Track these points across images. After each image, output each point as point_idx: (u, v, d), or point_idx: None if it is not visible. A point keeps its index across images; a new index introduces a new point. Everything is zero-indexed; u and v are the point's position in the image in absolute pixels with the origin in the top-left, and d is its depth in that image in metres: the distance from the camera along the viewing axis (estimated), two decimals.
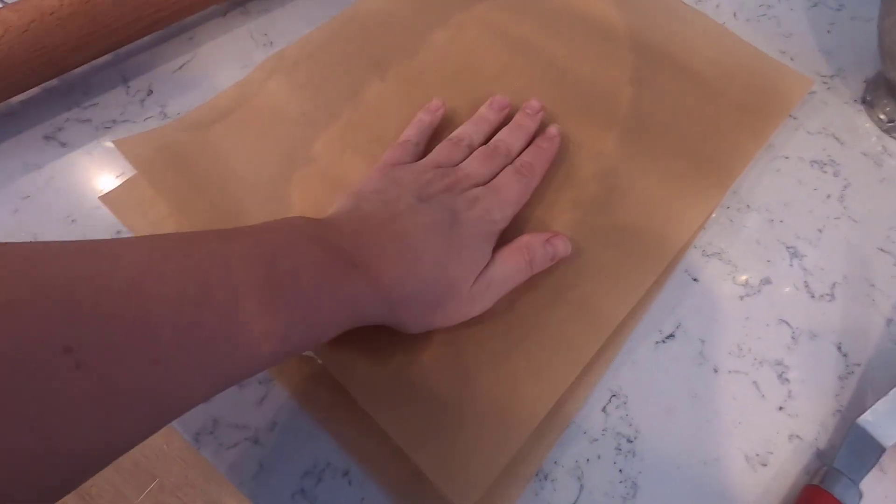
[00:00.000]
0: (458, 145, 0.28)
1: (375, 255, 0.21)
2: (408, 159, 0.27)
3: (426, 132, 0.29)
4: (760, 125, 0.32)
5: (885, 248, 0.30)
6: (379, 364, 0.23)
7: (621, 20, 0.37)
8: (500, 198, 0.25)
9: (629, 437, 0.24)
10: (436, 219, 0.23)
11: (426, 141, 0.29)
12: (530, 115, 0.30)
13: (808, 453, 0.24)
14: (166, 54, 0.34)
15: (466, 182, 0.26)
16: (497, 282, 0.24)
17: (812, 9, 0.40)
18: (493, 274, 0.24)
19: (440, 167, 0.26)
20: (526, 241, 0.25)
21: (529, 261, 0.24)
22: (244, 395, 0.24)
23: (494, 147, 0.28)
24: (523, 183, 0.27)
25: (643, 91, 0.33)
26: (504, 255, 0.24)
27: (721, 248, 0.29)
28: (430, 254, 0.22)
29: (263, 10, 0.37)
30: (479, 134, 0.29)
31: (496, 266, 0.24)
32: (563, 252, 0.26)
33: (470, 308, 0.23)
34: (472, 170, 0.26)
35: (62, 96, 0.32)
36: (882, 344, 0.27)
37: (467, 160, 0.27)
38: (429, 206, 0.24)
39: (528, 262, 0.24)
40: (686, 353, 0.26)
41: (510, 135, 0.29)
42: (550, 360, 0.24)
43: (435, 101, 0.30)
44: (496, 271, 0.24)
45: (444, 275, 0.22)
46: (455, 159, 0.27)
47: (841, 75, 0.37)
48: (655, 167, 0.30)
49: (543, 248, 0.25)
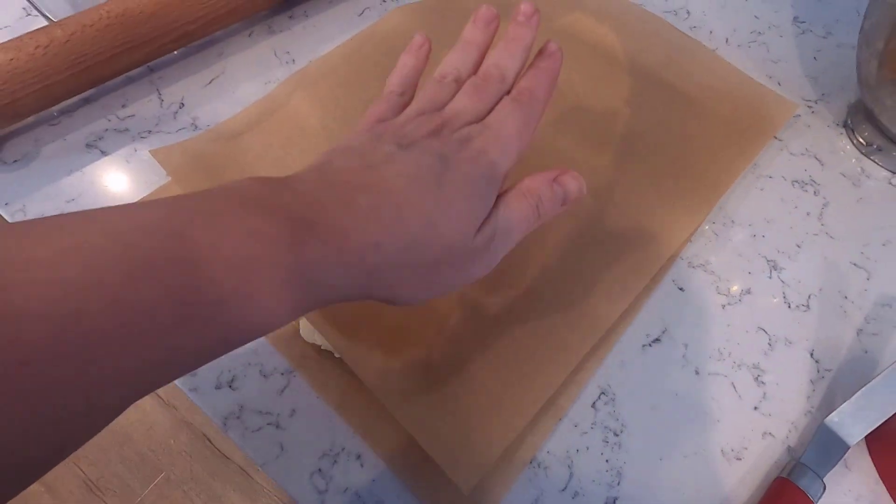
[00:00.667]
0: (443, 83, 0.23)
1: (341, 214, 0.17)
2: (393, 114, 0.23)
3: (412, 78, 0.25)
4: (746, 146, 0.35)
5: (859, 264, 0.32)
6: (392, 359, 0.26)
7: (620, 45, 0.39)
8: (497, 134, 0.21)
9: (616, 431, 0.27)
10: (420, 166, 0.19)
11: (413, 89, 0.25)
12: (524, 24, 0.23)
13: (780, 449, 0.27)
14: (197, 70, 0.37)
15: (456, 122, 0.21)
16: (501, 234, 0.20)
17: (800, 36, 0.43)
18: (496, 225, 0.20)
19: (424, 114, 0.22)
20: (528, 183, 0.21)
21: (535, 206, 0.21)
22: (268, 384, 0.27)
23: (485, 75, 0.23)
24: (524, 112, 0.22)
25: (638, 112, 0.36)
26: (506, 201, 0.21)
27: (706, 259, 0.32)
28: (414, 207, 0.18)
29: (286, 29, 0.40)
30: (467, 63, 0.24)
31: (499, 215, 0.20)
32: (574, 192, 0.22)
33: (472, 268, 0.20)
34: (462, 106, 0.22)
35: (102, 108, 0.35)
36: (852, 352, 0.30)
37: (456, 97, 0.22)
38: (410, 152, 0.19)
39: (535, 208, 0.21)
40: (671, 355, 0.29)
41: (503, 54, 0.23)
42: (546, 359, 0.26)
43: (417, 37, 0.25)
44: (500, 222, 0.20)
45: (435, 232, 0.18)
46: (442, 100, 0.22)
47: (825, 100, 0.39)
48: (647, 183, 0.32)
49: (551, 189, 0.21)
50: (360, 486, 0.25)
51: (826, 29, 0.43)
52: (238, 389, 0.26)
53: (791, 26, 0.43)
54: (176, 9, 0.34)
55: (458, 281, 0.20)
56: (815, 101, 0.39)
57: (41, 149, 0.33)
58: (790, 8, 0.44)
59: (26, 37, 0.31)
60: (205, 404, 0.26)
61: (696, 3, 0.44)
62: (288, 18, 0.40)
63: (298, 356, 0.27)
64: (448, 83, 0.23)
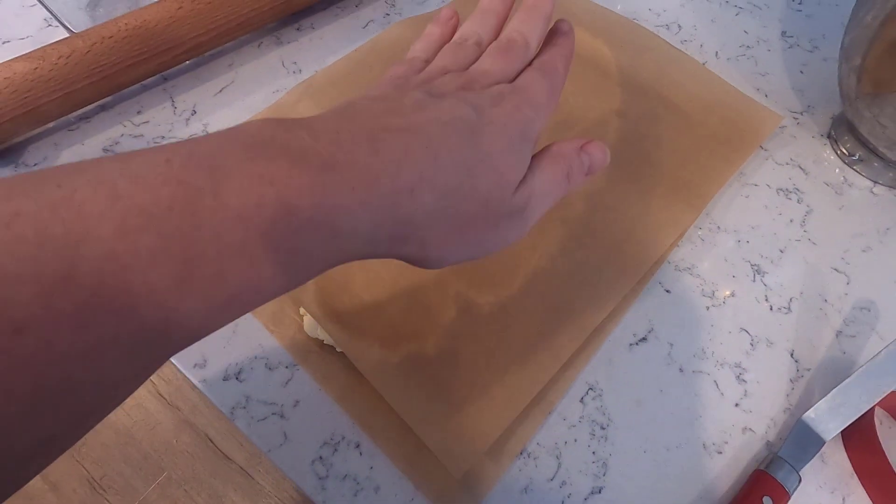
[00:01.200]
0: (464, 45, 0.22)
1: (368, 156, 0.15)
2: (415, 74, 0.22)
3: (436, 46, 0.24)
4: (733, 155, 0.36)
5: (839, 269, 0.34)
6: (390, 353, 0.27)
7: (613, 58, 0.41)
8: (529, 95, 0.20)
9: (602, 425, 0.28)
10: (455, 114, 0.18)
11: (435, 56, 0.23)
12: (541, 5, 0.23)
13: (759, 444, 0.28)
14: (209, 78, 0.39)
15: (484, 80, 0.20)
16: (537, 196, 0.19)
17: (788, 50, 0.44)
18: (532, 185, 0.19)
19: (449, 72, 0.21)
20: (558, 148, 0.21)
21: (566, 173, 0.20)
22: (273, 377, 0.28)
23: (509, 39, 0.22)
24: (550, 83, 0.21)
25: (629, 122, 0.37)
26: (541, 164, 0.20)
27: (692, 263, 0.33)
28: (451, 154, 0.17)
29: (293, 40, 0.42)
30: (488, 29, 0.23)
31: (535, 177, 0.19)
32: (600, 161, 0.22)
33: (508, 230, 0.19)
34: (489, 66, 0.21)
35: (118, 114, 0.37)
36: (830, 352, 0.31)
37: (481, 58, 0.22)
38: (443, 100, 0.18)
39: (566, 175, 0.20)
40: (656, 354, 0.30)
41: (525, 21, 0.23)
42: (536, 355, 0.28)
43: (446, 10, 0.25)
44: (536, 183, 0.19)
45: (474, 183, 0.17)
46: (466, 61, 0.22)
47: (810, 112, 0.41)
48: (636, 190, 0.34)
49: (579, 157, 0.21)
50: (358, 472, 0.26)
51: (813, 43, 0.45)
52: (245, 381, 0.28)
53: (779, 41, 0.45)
54: (189, 22, 0.36)
55: (493, 243, 0.19)
56: (801, 113, 0.41)
57: (60, 153, 0.35)
58: (778, 23, 0.46)
59: (49, 47, 0.33)
60: (213, 395, 0.27)
61: (686, 18, 0.46)
62: (295, 30, 0.42)
63: (302, 351, 0.29)
64: (470, 45, 0.22)
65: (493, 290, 0.30)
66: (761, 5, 0.47)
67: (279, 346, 0.29)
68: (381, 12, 0.44)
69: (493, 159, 0.18)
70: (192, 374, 0.28)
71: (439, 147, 0.17)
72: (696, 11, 0.46)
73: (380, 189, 0.15)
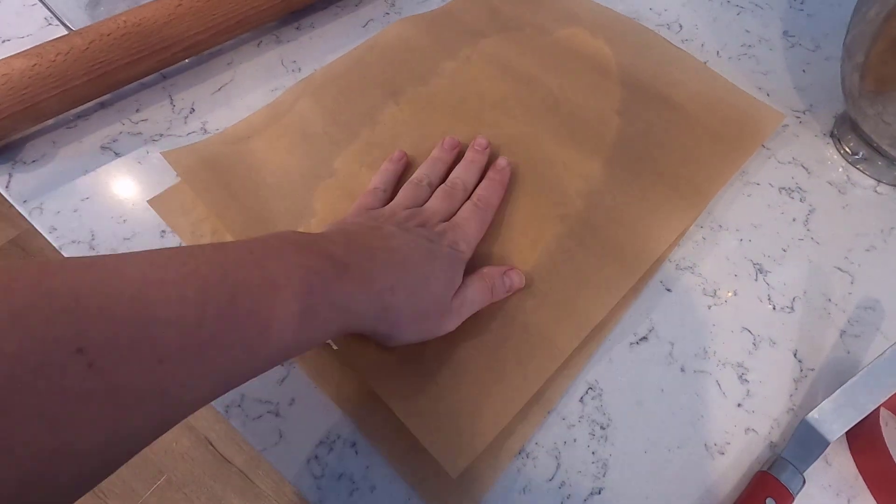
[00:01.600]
0: (420, 185, 0.31)
1: (367, 261, 0.23)
2: (378, 204, 0.30)
3: (392, 179, 0.32)
4: (734, 154, 0.36)
5: (843, 268, 0.33)
6: (387, 351, 0.27)
7: (614, 57, 0.41)
8: (463, 231, 0.28)
9: (602, 425, 0.28)
10: (417, 243, 0.26)
11: (393, 187, 0.32)
12: (479, 151, 0.33)
13: (762, 445, 0.28)
14: (207, 77, 0.39)
15: (434, 219, 0.29)
16: (468, 302, 0.27)
17: (790, 49, 0.44)
18: (465, 294, 0.27)
19: (409, 208, 0.29)
20: (487, 271, 0.28)
21: (490, 288, 0.28)
22: (268, 374, 0.28)
23: (452, 185, 0.31)
24: (481, 216, 0.30)
25: (629, 120, 0.37)
26: (473, 281, 0.27)
27: (693, 262, 0.33)
28: (417, 267, 0.25)
29: (293, 39, 0.42)
30: (436, 172, 0.32)
31: (468, 288, 0.27)
32: (517, 284, 0.29)
33: (449, 322, 0.26)
34: (437, 207, 0.30)
35: (117, 112, 0.37)
36: (834, 352, 0.30)
37: (431, 199, 0.30)
38: (408, 233, 0.26)
39: (489, 289, 0.28)
40: (657, 353, 0.30)
41: (464, 171, 0.32)
42: (534, 353, 0.27)
43: (398, 152, 0.33)
44: (468, 292, 0.27)
45: (429, 289, 0.25)
46: (420, 199, 0.30)
47: (812, 111, 0.40)
48: (637, 188, 0.34)
49: (501, 279, 0.28)
50: (354, 472, 0.26)
51: (815, 42, 0.44)
52: None
53: (781, 40, 0.45)
54: (187, 20, 0.36)
55: (437, 330, 0.26)
56: (804, 112, 0.40)
57: (58, 150, 0.35)
58: (780, 22, 0.46)
59: (48, 44, 0.33)
60: None
61: (687, 18, 0.46)
62: (295, 29, 0.42)
63: None
64: (424, 186, 0.31)
65: None
66: (763, 5, 0.47)
67: None
68: (381, 11, 0.44)
69: (440, 275, 0.26)
70: None
71: (408, 263, 0.25)
72: (697, 11, 0.46)
73: (374, 285, 0.23)
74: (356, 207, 0.30)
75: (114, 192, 0.33)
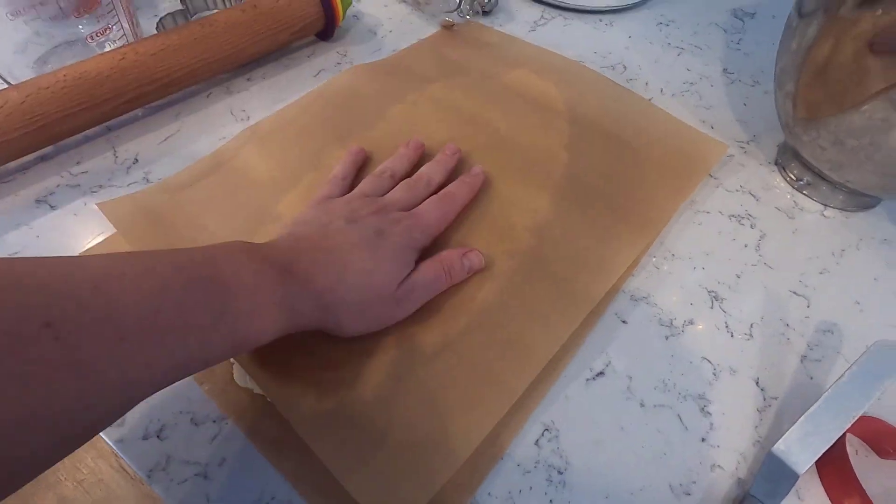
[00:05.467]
0: (381, 176, 0.32)
1: (309, 264, 0.25)
2: (338, 193, 0.32)
3: (352, 170, 0.34)
4: (682, 184, 0.36)
5: (798, 292, 0.33)
6: (322, 399, 0.25)
7: (560, 96, 0.42)
8: (420, 220, 0.29)
9: (560, 469, 0.26)
10: (361, 236, 0.27)
11: (353, 175, 0.34)
12: (449, 155, 0.35)
13: (729, 482, 0.26)
14: (153, 127, 0.38)
15: (391, 207, 0.30)
16: (419, 287, 0.27)
17: (730, 85, 0.46)
18: (415, 280, 0.27)
19: (367, 196, 0.30)
20: (445, 254, 0.29)
21: (447, 270, 0.28)
22: (199, 432, 0.26)
23: (416, 178, 0.32)
24: (443, 209, 0.31)
25: (577, 155, 0.37)
26: (425, 265, 0.28)
27: (648, 292, 0.32)
28: (355, 265, 0.26)
29: (244, 90, 0.42)
30: (400, 167, 0.33)
31: (418, 274, 0.28)
32: (477, 265, 0.30)
33: (396, 310, 0.27)
34: (398, 197, 0.30)
35: (57, 165, 0.36)
36: (797, 378, 0.29)
37: (393, 190, 0.31)
38: (356, 226, 0.27)
39: (447, 272, 0.28)
40: (615, 388, 0.28)
41: (431, 168, 0.33)
42: (483, 395, 0.26)
43: (355, 146, 0.35)
44: (418, 279, 0.27)
45: (370, 281, 0.26)
46: (381, 189, 0.31)
47: (756, 141, 0.41)
48: (586, 220, 0.33)
49: (460, 260, 0.29)
50: None
51: (753, 78, 0.46)
52: (167, 439, 0.25)
53: (721, 76, 0.46)
54: (132, 73, 0.36)
55: (386, 319, 0.27)
56: (748, 142, 0.41)
57: None
58: (719, 62, 0.48)
59: None
60: (129, 456, 0.25)
61: (631, 59, 0.47)
62: (246, 80, 0.43)
63: (232, 402, 0.26)
64: (385, 177, 0.32)
65: (438, 328, 0.28)
66: (702, 45, 0.49)
67: (207, 399, 0.27)
68: (333, 61, 0.45)
69: (383, 266, 0.26)
70: (106, 433, 0.25)
71: (349, 261, 0.26)
72: (639, 53, 0.48)
73: (315, 285, 0.24)
74: (317, 197, 0.31)
75: (46, 246, 0.32)
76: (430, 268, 0.28)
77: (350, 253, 0.26)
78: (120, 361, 0.18)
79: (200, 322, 0.20)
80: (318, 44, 0.46)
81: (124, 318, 0.18)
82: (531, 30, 0.50)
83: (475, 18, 0.49)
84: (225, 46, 0.39)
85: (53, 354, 0.16)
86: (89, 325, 0.17)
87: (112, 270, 0.19)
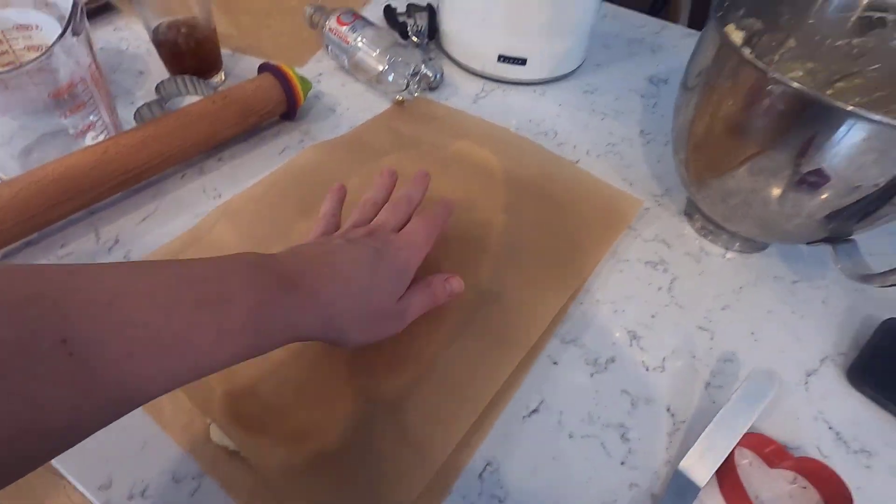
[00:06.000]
0: (366, 205, 0.35)
1: (313, 278, 0.26)
2: (331, 230, 0.34)
3: (337, 206, 0.37)
4: (605, 236, 0.42)
5: (704, 327, 0.38)
6: (293, 452, 0.29)
7: (499, 163, 0.47)
8: (410, 241, 0.31)
9: (500, 498, 0.30)
10: (362, 254, 0.29)
11: (339, 211, 0.37)
12: (422, 176, 0.38)
13: (644, 498, 0.30)
14: (132, 208, 0.43)
15: (382, 229, 0.32)
16: (412, 306, 0.31)
17: (646, 145, 0.53)
18: (409, 300, 0.30)
19: (358, 226, 0.34)
20: (431, 278, 0.33)
21: (433, 294, 0.32)
22: (179, 489, 0.29)
23: (398, 198, 0.35)
24: (428, 228, 0.33)
25: (513, 216, 0.43)
26: (417, 287, 0.31)
27: (576, 335, 0.37)
28: (357, 280, 0.28)
29: (215, 169, 0.47)
30: (380, 195, 0.37)
31: (413, 295, 0.31)
32: (457, 289, 0.33)
33: (393, 323, 0.30)
34: (385, 219, 0.33)
35: (44, 249, 0.39)
36: (702, 403, 0.34)
37: (380, 213, 0.35)
38: (356, 245, 0.29)
39: (432, 295, 0.32)
40: (548, 423, 0.33)
41: (410, 188, 0.36)
42: (431, 437, 0.30)
43: (337, 184, 0.38)
44: (410, 298, 0.31)
45: (370, 297, 0.28)
46: (368, 217, 0.35)
47: (668, 194, 0.48)
48: (520, 275, 0.38)
49: (443, 285, 0.33)
50: None
51: (665, 138, 0.53)
52: (149, 497, 0.29)
53: (639, 137, 0.53)
54: (114, 163, 0.40)
55: (386, 331, 0.30)
56: (661, 195, 0.48)
57: None
58: (637, 125, 0.55)
59: None
60: None
61: (562, 125, 0.54)
62: (217, 161, 0.47)
63: (210, 459, 0.30)
64: (370, 206, 0.36)
65: (393, 378, 0.32)
66: (623, 110, 0.57)
67: (187, 457, 0.30)
68: (296, 139, 0.50)
69: (382, 283, 0.29)
70: (95, 496, 0.28)
71: (352, 276, 0.28)
72: (569, 119, 0.55)
73: (318, 300, 0.26)
74: (311, 235, 0.34)
75: None
76: (420, 290, 0.31)
77: (351, 269, 0.28)
78: (125, 376, 0.18)
79: (205, 339, 0.21)
80: (282, 123, 0.52)
81: (135, 335, 0.19)
82: (474, 101, 0.56)
83: (423, 94, 0.56)
84: (198, 134, 0.44)
85: (65, 370, 0.17)
86: (102, 341, 0.18)
87: (126, 287, 0.20)
